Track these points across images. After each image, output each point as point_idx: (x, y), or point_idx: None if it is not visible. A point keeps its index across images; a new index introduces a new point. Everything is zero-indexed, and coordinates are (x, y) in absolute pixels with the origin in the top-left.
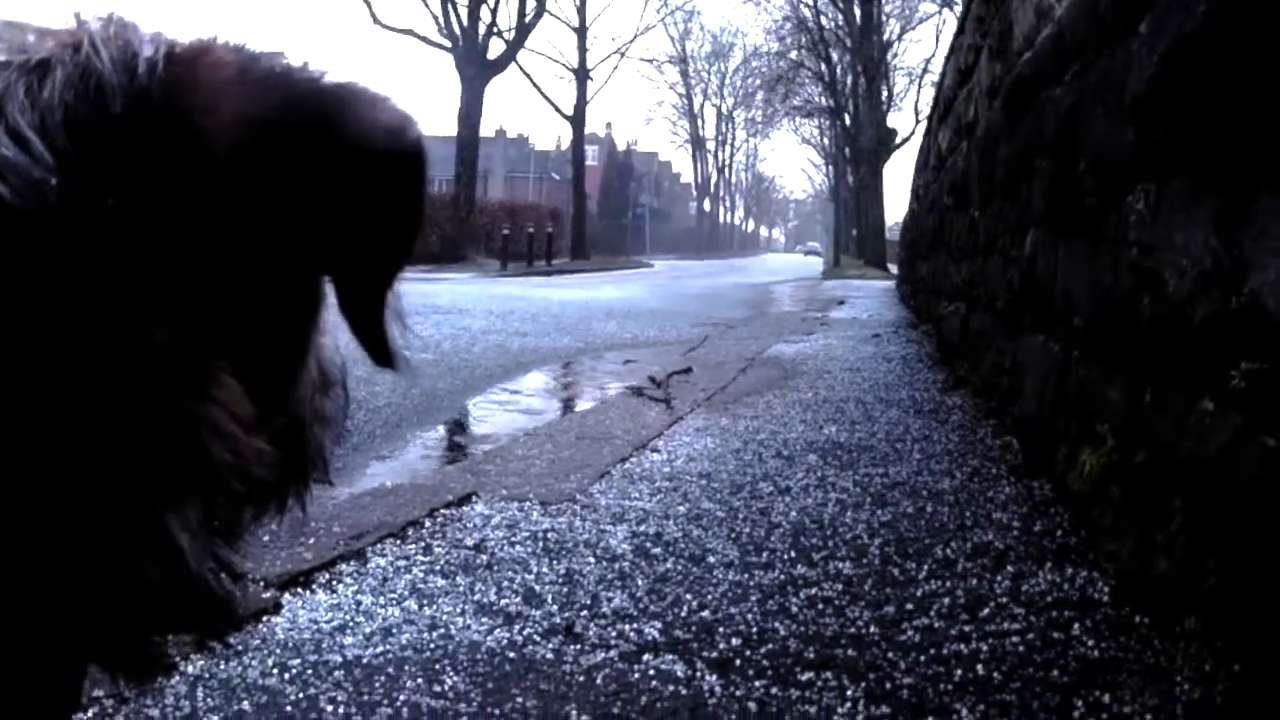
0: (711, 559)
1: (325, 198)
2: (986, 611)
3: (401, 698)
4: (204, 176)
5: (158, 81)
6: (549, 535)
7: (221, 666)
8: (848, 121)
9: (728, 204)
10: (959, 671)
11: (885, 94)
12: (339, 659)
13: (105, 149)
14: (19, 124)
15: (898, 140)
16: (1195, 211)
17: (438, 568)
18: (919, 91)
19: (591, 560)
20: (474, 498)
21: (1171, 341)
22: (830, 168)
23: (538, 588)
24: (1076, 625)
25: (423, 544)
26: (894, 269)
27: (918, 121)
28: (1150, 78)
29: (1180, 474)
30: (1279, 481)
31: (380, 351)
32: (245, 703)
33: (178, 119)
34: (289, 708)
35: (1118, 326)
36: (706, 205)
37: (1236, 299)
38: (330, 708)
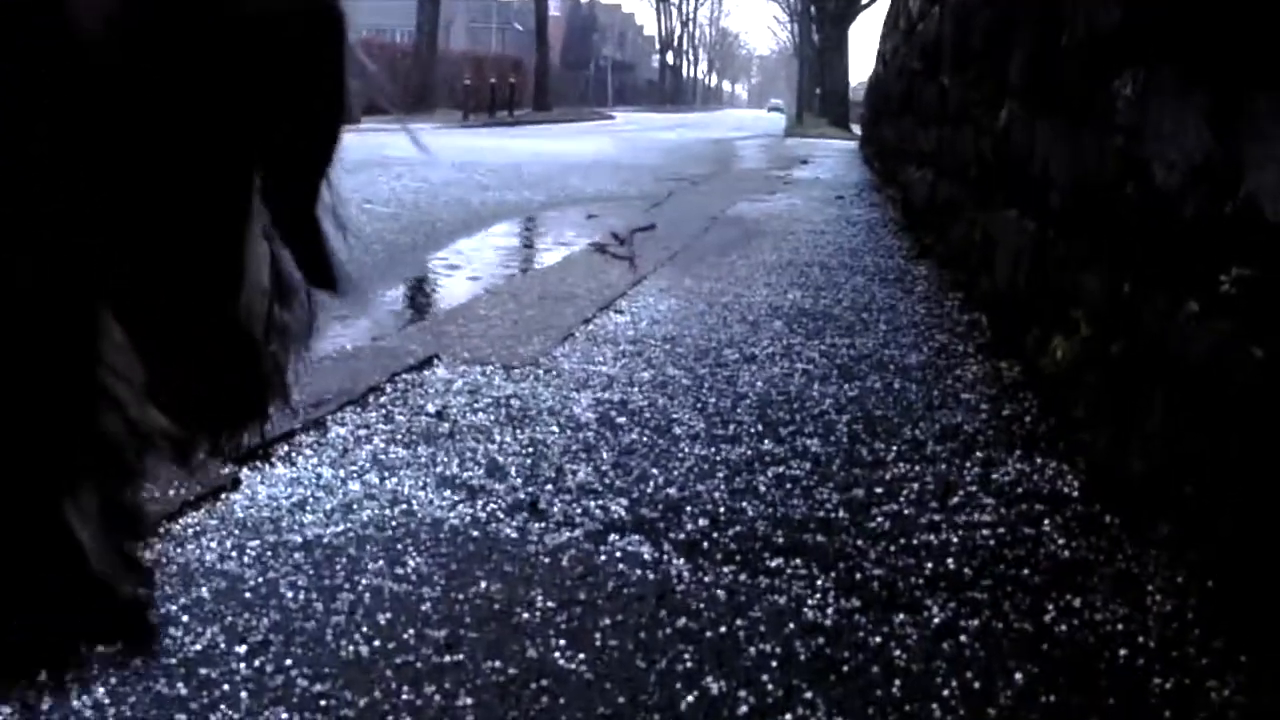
0: (677, 430)
1: (228, 71)
2: (956, 500)
3: (363, 581)
4: (77, 62)
5: None
6: (512, 402)
7: (178, 550)
8: None
9: (691, 58)
10: (929, 564)
11: None
12: (299, 539)
13: None
14: None
15: (865, 1)
16: (1187, 103)
17: (399, 437)
18: None
19: (555, 429)
20: (435, 361)
21: (1156, 235)
22: (795, 25)
23: (501, 459)
24: (1047, 521)
25: (383, 411)
26: (857, 129)
27: None
28: None
29: (1161, 373)
30: (1268, 392)
31: (317, 266)
32: (204, 589)
33: (40, 5)
34: (248, 594)
35: (1099, 212)
36: (670, 59)
37: (1231, 201)
38: (290, 593)
